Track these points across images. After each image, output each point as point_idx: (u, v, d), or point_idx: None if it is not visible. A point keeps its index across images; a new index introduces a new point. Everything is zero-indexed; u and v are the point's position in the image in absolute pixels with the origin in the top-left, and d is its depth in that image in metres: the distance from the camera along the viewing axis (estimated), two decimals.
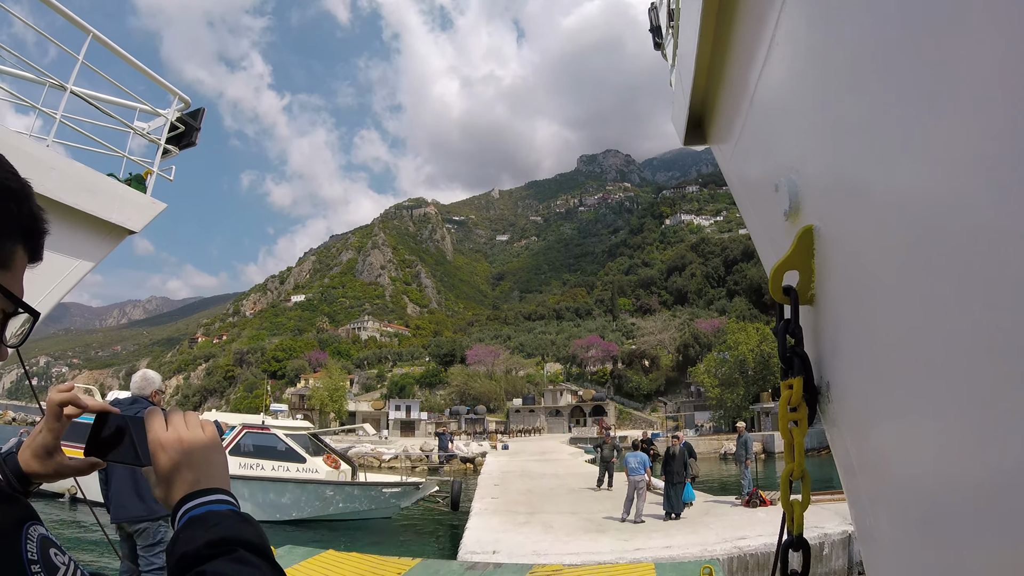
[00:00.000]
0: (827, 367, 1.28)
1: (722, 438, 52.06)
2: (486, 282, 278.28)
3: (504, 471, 25.47)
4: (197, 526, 0.81)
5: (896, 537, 1.09)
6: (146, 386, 5.10)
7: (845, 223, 1.12)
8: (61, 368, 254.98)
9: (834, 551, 10.31)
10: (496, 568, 6.80)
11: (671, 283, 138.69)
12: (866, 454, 1.19)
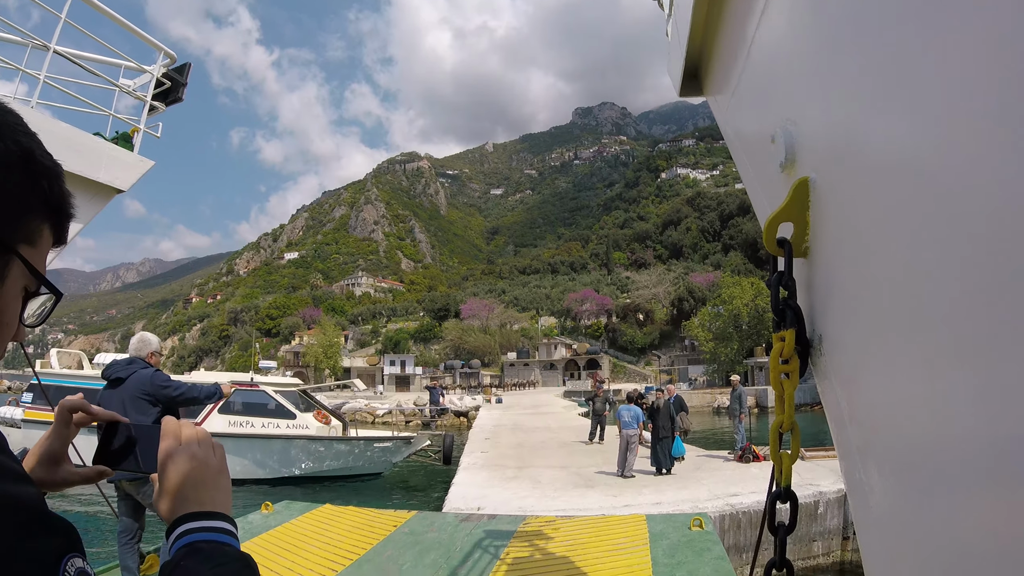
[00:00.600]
0: (820, 320, 1.30)
1: (715, 392, 51.76)
2: (480, 236, 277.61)
3: (496, 424, 25.12)
4: (202, 559, 0.80)
5: (886, 490, 1.09)
6: (143, 347, 5.20)
7: (841, 176, 1.13)
8: (57, 334, 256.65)
9: (829, 509, 9.98)
10: (490, 519, 6.95)
11: (666, 237, 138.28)
12: (857, 407, 1.19)
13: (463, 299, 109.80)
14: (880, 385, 1.07)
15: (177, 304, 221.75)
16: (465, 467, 14.07)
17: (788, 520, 1.44)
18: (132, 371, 4.93)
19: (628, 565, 5.30)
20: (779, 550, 1.48)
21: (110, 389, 4.96)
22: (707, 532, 6.11)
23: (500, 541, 6.25)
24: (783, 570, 1.52)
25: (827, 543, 9.96)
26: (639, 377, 74.05)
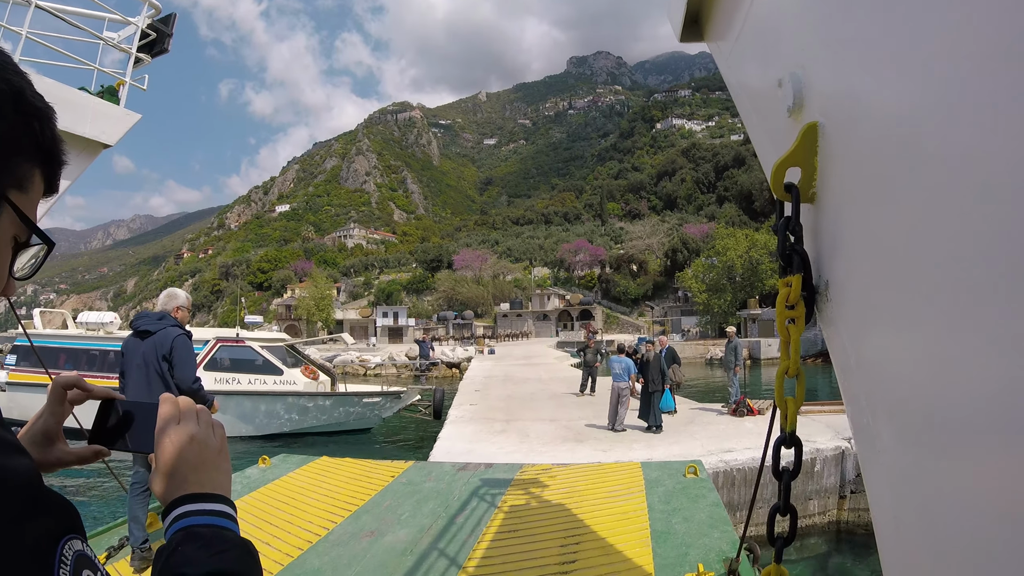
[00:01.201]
0: (826, 266, 1.29)
1: (708, 343, 52.12)
2: (473, 187, 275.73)
3: (487, 376, 25.00)
4: (201, 545, 0.76)
5: (892, 439, 1.10)
6: (170, 301, 5.25)
7: (851, 121, 1.12)
8: (49, 295, 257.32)
9: (826, 467, 9.85)
10: (487, 468, 7.02)
11: (661, 188, 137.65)
12: (864, 354, 1.18)
13: (456, 250, 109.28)
14: (888, 334, 1.07)
15: (168, 260, 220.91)
16: (452, 420, 13.84)
17: (793, 466, 1.46)
18: (162, 327, 5.01)
19: (624, 511, 5.36)
20: (783, 495, 1.51)
21: (136, 339, 5.03)
22: (702, 479, 6.18)
23: (497, 489, 6.26)
24: (787, 515, 1.54)
25: (823, 502, 9.83)
26: (632, 328, 74.31)
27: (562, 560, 4.45)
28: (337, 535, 5.26)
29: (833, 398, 16.24)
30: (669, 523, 5.01)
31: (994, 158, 0.70)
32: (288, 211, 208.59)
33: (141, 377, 4.92)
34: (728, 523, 4.97)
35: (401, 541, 5.03)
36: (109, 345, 18.57)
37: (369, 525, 5.44)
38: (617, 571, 4.22)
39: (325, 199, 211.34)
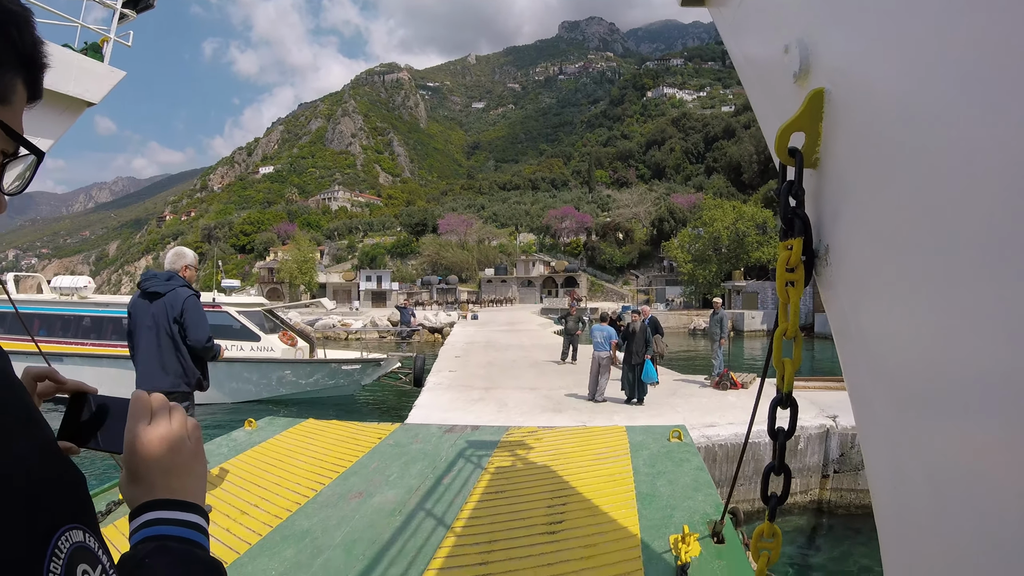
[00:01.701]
0: (827, 230, 1.30)
1: (692, 313, 52.41)
2: (460, 151, 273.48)
3: (468, 342, 24.93)
4: (172, 563, 0.71)
5: (891, 407, 1.10)
6: (177, 260, 5.19)
7: (858, 88, 1.12)
8: (31, 259, 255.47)
9: (810, 446, 9.61)
10: (474, 430, 7.06)
11: (649, 157, 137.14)
12: (863, 320, 1.20)
13: (441, 214, 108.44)
14: (886, 299, 1.07)
15: (151, 223, 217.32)
16: (430, 387, 13.63)
17: (788, 425, 1.46)
18: (171, 287, 4.95)
19: (610, 474, 5.42)
20: (778, 454, 1.51)
21: (144, 300, 4.96)
22: (686, 444, 6.25)
23: (484, 451, 6.31)
24: (781, 474, 1.55)
25: (806, 480, 9.67)
26: (617, 296, 74.60)
27: (549, 520, 4.51)
28: (325, 496, 5.28)
29: (816, 374, 16.32)
30: (654, 486, 5.08)
31: (1002, 129, 0.70)
32: (272, 173, 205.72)
33: (151, 339, 4.87)
34: (712, 487, 5.04)
35: (389, 502, 5.06)
36: (84, 310, 18.27)
37: (357, 486, 5.46)
38: (603, 531, 4.29)
39: (310, 161, 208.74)
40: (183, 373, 4.94)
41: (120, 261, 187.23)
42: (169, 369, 4.87)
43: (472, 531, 4.46)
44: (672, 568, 3.73)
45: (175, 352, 4.90)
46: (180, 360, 4.93)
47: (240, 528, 4.72)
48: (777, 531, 1.67)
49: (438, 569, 3.93)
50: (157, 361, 4.87)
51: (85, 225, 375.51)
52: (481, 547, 4.20)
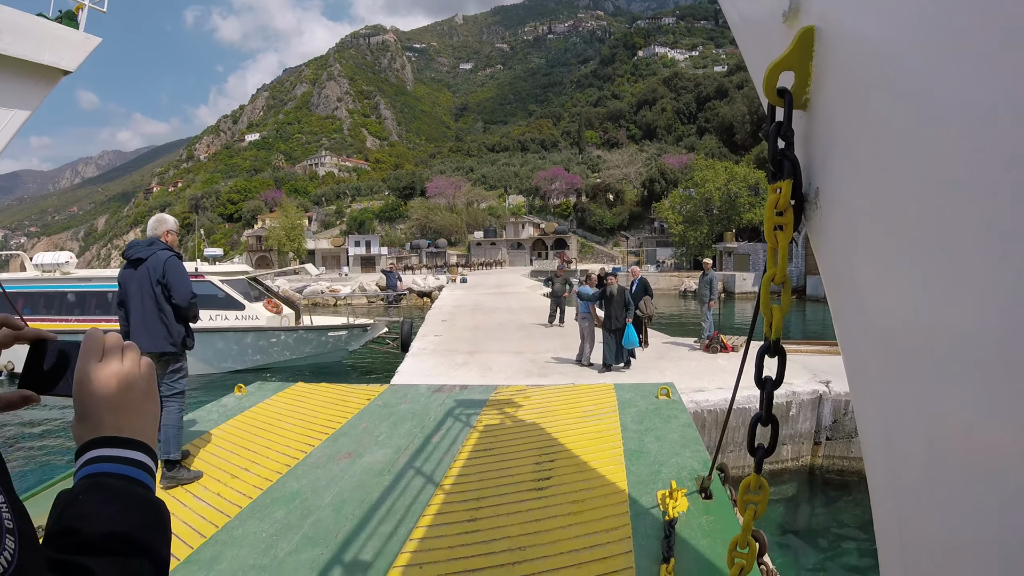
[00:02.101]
0: (817, 173, 1.28)
1: (683, 275, 52.40)
2: (449, 113, 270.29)
3: (456, 305, 24.88)
4: (107, 500, 0.70)
5: (884, 363, 1.07)
6: (159, 226, 5.32)
7: (850, 27, 1.10)
8: (19, 238, 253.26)
9: (802, 412, 9.37)
10: (462, 389, 7.10)
11: (640, 117, 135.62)
12: (856, 269, 1.17)
13: (429, 177, 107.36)
14: (881, 246, 1.03)
15: (138, 195, 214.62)
16: (414, 353, 13.49)
17: (776, 375, 1.44)
18: (152, 251, 5.07)
19: (598, 430, 5.45)
20: (765, 404, 1.49)
21: (131, 269, 5.09)
22: (674, 401, 6.28)
23: (472, 410, 6.35)
24: (768, 425, 1.55)
25: (797, 447, 9.46)
26: (607, 258, 74.56)
27: (537, 477, 4.55)
28: (315, 458, 5.32)
29: (809, 338, 16.29)
30: (642, 442, 5.11)
31: (998, 68, 0.67)
32: (258, 140, 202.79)
33: (139, 305, 5.01)
34: (700, 443, 5.07)
35: (379, 462, 5.10)
36: (67, 286, 18.03)
37: (346, 447, 5.50)
38: (591, 487, 4.33)
39: (296, 127, 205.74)
40: (167, 334, 5.04)
41: (109, 235, 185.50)
42: (152, 330, 4.98)
43: (460, 488, 4.49)
44: (660, 523, 3.76)
45: (158, 313, 5.01)
46: (163, 320, 5.03)
47: (230, 492, 4.75)
48: (764, 484, 1.66)
49: (427, 526, 3.96)
50: (141, 324, 5.00)
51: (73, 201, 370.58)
52: (469, 504, 4.23)
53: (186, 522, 4.29)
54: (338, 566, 3.59)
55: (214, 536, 4.04)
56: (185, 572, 3.62)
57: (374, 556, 3.66)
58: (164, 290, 5.01)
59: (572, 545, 3.60)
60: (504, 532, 3.81)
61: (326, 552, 3.73)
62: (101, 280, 18.06)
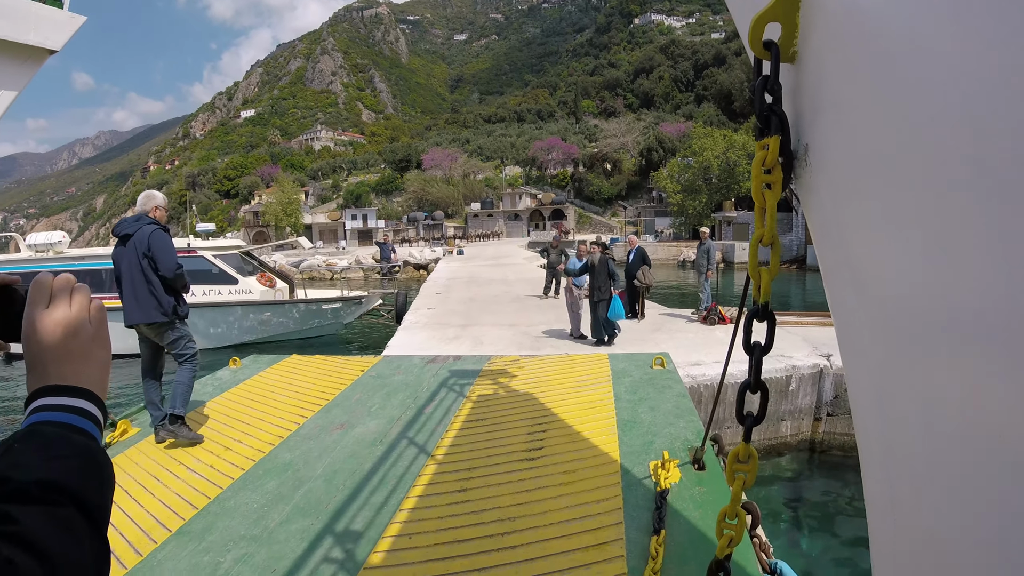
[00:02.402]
0: (806, 129, 1.23)
1: (681, 245, 52.26)
2: (444, 85, 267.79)
3: (451, 277, 24.83)
4: (39, 446, 0.67)
5: (878, 331, 1.02)
6: (147, 202, 5.42)
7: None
8: (19, 220, 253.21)
9: (802, 387, 9.08)
10: (456, 360, 7.09)
11: (637, 86, 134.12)
12: (848, 230, 1.11)
13: (425, 149, 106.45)
14: (874, 205, 0.98)
15: (135, 174, 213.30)
16: (406, 326, 13.35)
17: (765, 339, 1.42)
18: (138, 227, 5.18)
19: (591, 400, 5.41)
20: (754, 371, 1.46)
21: (121, 246, 5.21)
22: (668, 371, 6.22)
23: (465, 380, 6.33)
24: (757, 392, 1.51)
25: (796, 423, 9.17)
26: (605, 228, 74.30)
27: (529, 447, 4.53)
28: (308, 429, 5.32)
29: (808, 309, 16.13)
30: (635, 412, 5.06)
31: (991, 15, 0.64)
32: (254, 116, 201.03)
33: (128, 279, 5.14)
34: (694, 413, 5.02)
35: (371, 432, 5.10)
36: (60, 265, 17.67)
37: (339, 418, 5.50)
38: (583, 458, 4.30)
39: (291, 102, 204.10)
40: (157, 304, 5.16)
41: (107, 215, 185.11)
42: (143, 302, 5.13)
43: (452, 459, 4.47)
44: (652, 494, 3.73)
45: (146, 285, 5.12)
46: (152, 292, 5.14)
47: (223, 464, 4.76)
48: (753, 453, 1.63)
49: (417, 496, 3.95)
50: (132, 297, 5.15)
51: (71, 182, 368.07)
52: (460, 474, 4.22)
53: (179, 493, 4.30)
54: (328, 536, 3.59)
55: (206, 507, 4.05)
56: (176, 543, 3.63)
57: (364, 526, 3.67)
58: (150, 263, 5.09)
59: (562, 516, 3.58)
60: (494, 503, 3.79)
61: (316, 522, 3.74)
62: (94, 258, 17.98)
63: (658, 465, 3.96)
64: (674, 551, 3.14)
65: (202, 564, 3.39)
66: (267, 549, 3.49)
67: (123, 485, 4.56)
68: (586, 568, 3.08)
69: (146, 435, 5.58)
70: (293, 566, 3.30)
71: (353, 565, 3.28)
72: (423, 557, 3.30)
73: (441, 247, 52.46)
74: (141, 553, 3.58)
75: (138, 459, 5.04)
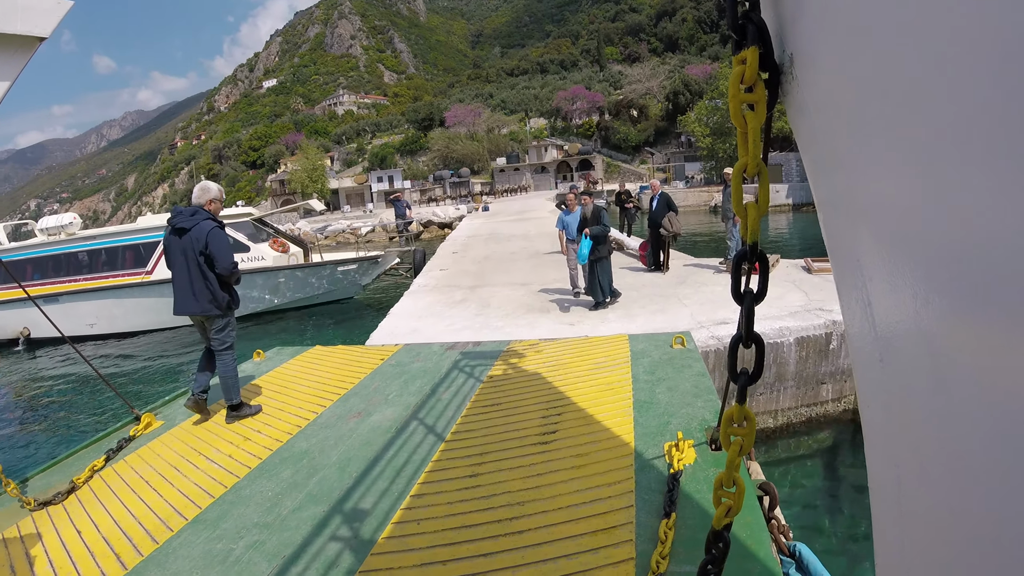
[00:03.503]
0: (791, 37, 1.07)
1: (712, 190, 50.79)
2: (464, 42, 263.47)
3: (471, 235, 24.59)
4: None
5: (887, 277, 0.86)
6: (202, 195, 5.62)
7: None
8: (52, 206, 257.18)
9: (844, 346, 7.78)
10: (475, 346, 7.09)
11: (660, 29, 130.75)
12: (840, 146, 0.95)
13: (447, 107, 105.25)
14: (875, 125, 0.81)
15: (163, 152, 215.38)
16: (413, 290, 12.97)
17: (758, 287, 1.28)
18: (196, 222, 5.39)
19: (608, 382, 5.33)
20: (745, 321, 1.32)
21: (175, 236, 5.44)
22: (688, 350, 6.08)
23: (483, 366, 6.33)
24: (750, 346, 1.39)
25: (839, 386, 8.08)
26: (634, 176, 73.06)
27: (543, 431, 4.48)
28: (325, 418, 5.37)
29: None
30: (653, 393, 4.97)
31: None
32: (276, 85, 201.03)
33: (183, 270, 5.39)
34: (713, 392, 4.89)
35: (387, 420, 5.11)
36: (74, 247, 18.05)
37: (357, 407, 5.53)
38: (597, 440, 4.23)
39: (312, 69, 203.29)
40: (212, 298, 5.44)
41: (138, 193, 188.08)
42: (200, 295, 5.40)
43: (464, 444, 4.46)
44: (665, 476, 3.64)
45: (204, 280, 5.39)
46: (208, 287, 5.41)
47: (241, 453, 4.84)
48: (750, 414, 1.49)
49: (428, 482, 3.97)
50: (189, 289, 5.41)
51: (101, 164, 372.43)
52: (472, 459, 4.20)
53: (197, 483, 4.39)
54: (337, 521, 3.64)
55: (222, 496, 4.15)
56: (191, 531, 3.74)
57: (373, 511, 3.70)
58: (207, 259, 5.36)
59: (572, 500, 3.54)
60: (504, 487, 3.77)
61: (328, 509, 3.79)
62: (103, 237, 18.12)
63: (672, 446, 3.86)
64: (684, 534, 3.07)
65: (215, 551, 3.48)
66: (278, 536, 3.55)
67: (144, 476, 4.69)
68: (593, 552, 3.04)
69: (169, 427, 5.70)
70: (302, 551, 3.36)
71: (360, 549, 3.31)
72: (430, 542, 3.31)
73: (467, 204, 52.03)
74: (157, 541, 3.69)
75: (160, 451, 5.16)
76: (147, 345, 16.90)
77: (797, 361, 7.75)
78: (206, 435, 5.35)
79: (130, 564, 3.49)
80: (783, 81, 1.13)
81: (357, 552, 3.29)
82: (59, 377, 15.01)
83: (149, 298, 17.25)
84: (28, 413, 12.78)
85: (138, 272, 17.37)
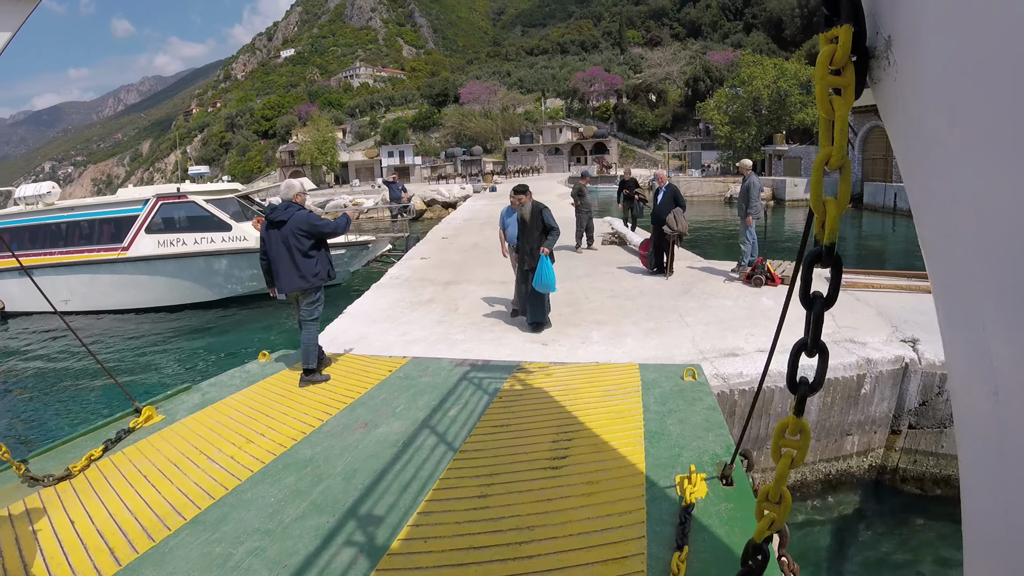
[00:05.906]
0: (888, 17, 0.95)
1: (728, 180, 50.07)
2: (486, 18, 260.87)
3: (468, 219, 24.34)
4: None
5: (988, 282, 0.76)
6: (288, 192, 6.65)
7: None
8: (67, 168, 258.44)
9: (878, 388, 6.52)
10: (484, 364, 7.06)
11: (684, 14, 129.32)
12: (946, 149, 0.83)
13: (463, 83, 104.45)
14: (984, 118, 0.72)
15: (179, 117, 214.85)
16: (382, 283, 11.77)
17: (828, 291, 1.18)
18: (291, 213, 6.42)
19: (619, 411, 5.30)
20: (812, 327, 1.22)
21: (274, 230, 6.41)
22: (699, 383, 5.97)
23: (493, 385, 6.27)
24: (814, 355, 1.27)
25: (867, 437, 6.70)
26: (649, 162, 72.45)
27: (553, 455, 4.42)
28: (331, 427, 5.33)
29: (867, 262, 12.93)
30: (663, 424, 4.92)
31: None
32: (294, 56, 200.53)
33: (286, 255, 6.37)
34: (724, 427, 4.82)
35: (394, 433, 5.07)
36: (49, 218, 17.30)
37: (363, 417, 5.50)
38: (608, 468, 4.18)
39: (330, 40, 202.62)
40: (316, 272, 6.47)
41: (152, 159, 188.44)
42: (305, 272, 6.40)
43: (473, 463, 4.41)
44: (676, 508, 3.60)
45: (305, 258, 6.40)
46: (311, 263, 6.44)
47: (244, 456, 4.78)
48: (805, 427, 1.40)
49: (436, 500, 3.92)
50: (294, 269, 6.37)
51: (117, 128, 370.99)
52: (481, 480, 4.15)
53: (197, 483, 4.35)
54: (342, 534, 3.59)
55: (223, 498, 4.10)
56: (190, 531, 3.70)
57: (379, 527, 3.65)
58: (308, 237, 6.36)
59: (583, 527, 3.49)
60: (514, 511, 3.71)
61: (332, 520, 3.74)
62: (83, 209, 17.49)
63: (684, 479, 3.82)
64: (697, 568, 3.04)
65: (213, 555, 3.44)
66: (280, 544, 3.50)
67: (142, 470, 4.64)
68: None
69: (170, 423, 5.64)
70: (305, 562, 3.31)
71: (366, 566, 3.27)
72: (437, 562, 3.26)
73: (475, 183, 51.43)
74: (154, 539, 3.64)
75: (160, 446, 5.11)
76: (140, 327, 16.09)
77: (820, 409, 6.43)
78: (208, 434, 5.30)
79: (124, 560, 3.44)
80: (873, 67, 1.02)
81: (362, 568, 3.25)
82: (37, 355, 14.31)
83: (125, 275, 16.53)
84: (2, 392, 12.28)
85: (115, 248, 16.55)
